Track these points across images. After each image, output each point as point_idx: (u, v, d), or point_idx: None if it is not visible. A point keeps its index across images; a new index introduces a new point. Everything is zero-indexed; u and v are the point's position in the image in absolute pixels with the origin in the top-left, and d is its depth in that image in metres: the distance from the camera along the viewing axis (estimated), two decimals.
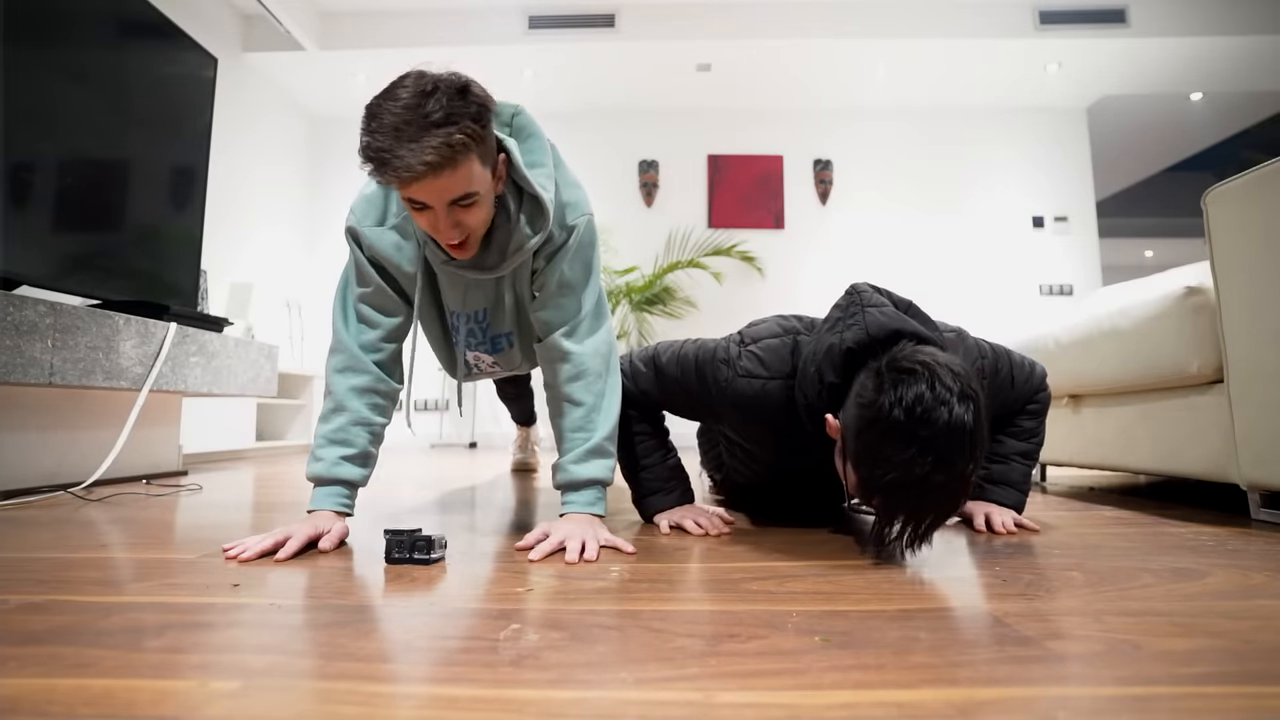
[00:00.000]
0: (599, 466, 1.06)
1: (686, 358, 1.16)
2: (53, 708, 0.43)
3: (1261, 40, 4.01)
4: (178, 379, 1.95)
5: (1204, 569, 0.84)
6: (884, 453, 0.80)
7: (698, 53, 4.22)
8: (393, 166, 0.82)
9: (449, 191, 0.88)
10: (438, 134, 0.82)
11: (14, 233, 1.59)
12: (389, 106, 0.84)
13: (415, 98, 0.83)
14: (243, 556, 0.89)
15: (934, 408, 0.77)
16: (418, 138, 0.82)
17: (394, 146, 0.82)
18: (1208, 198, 1.27)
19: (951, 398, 0.78)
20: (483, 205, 0.93)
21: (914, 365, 0.81)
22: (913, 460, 0.77)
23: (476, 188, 0.90)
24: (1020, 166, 4.87)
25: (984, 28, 4.03)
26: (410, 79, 0.86)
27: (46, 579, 0.79)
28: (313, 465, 1.03)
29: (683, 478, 1.23)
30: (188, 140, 2.30)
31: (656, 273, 4.50)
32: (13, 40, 1.58)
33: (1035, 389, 1.22)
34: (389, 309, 1.09)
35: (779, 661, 0.52)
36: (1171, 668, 0.50)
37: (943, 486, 0.79)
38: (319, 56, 4.12)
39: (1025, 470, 1.21)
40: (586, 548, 0.92)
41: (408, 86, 0.85)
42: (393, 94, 0.85)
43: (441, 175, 0.85)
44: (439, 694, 0.46)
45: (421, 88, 0.84)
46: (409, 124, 0.82)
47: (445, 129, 0.83)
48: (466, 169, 0.87)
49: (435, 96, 0.84)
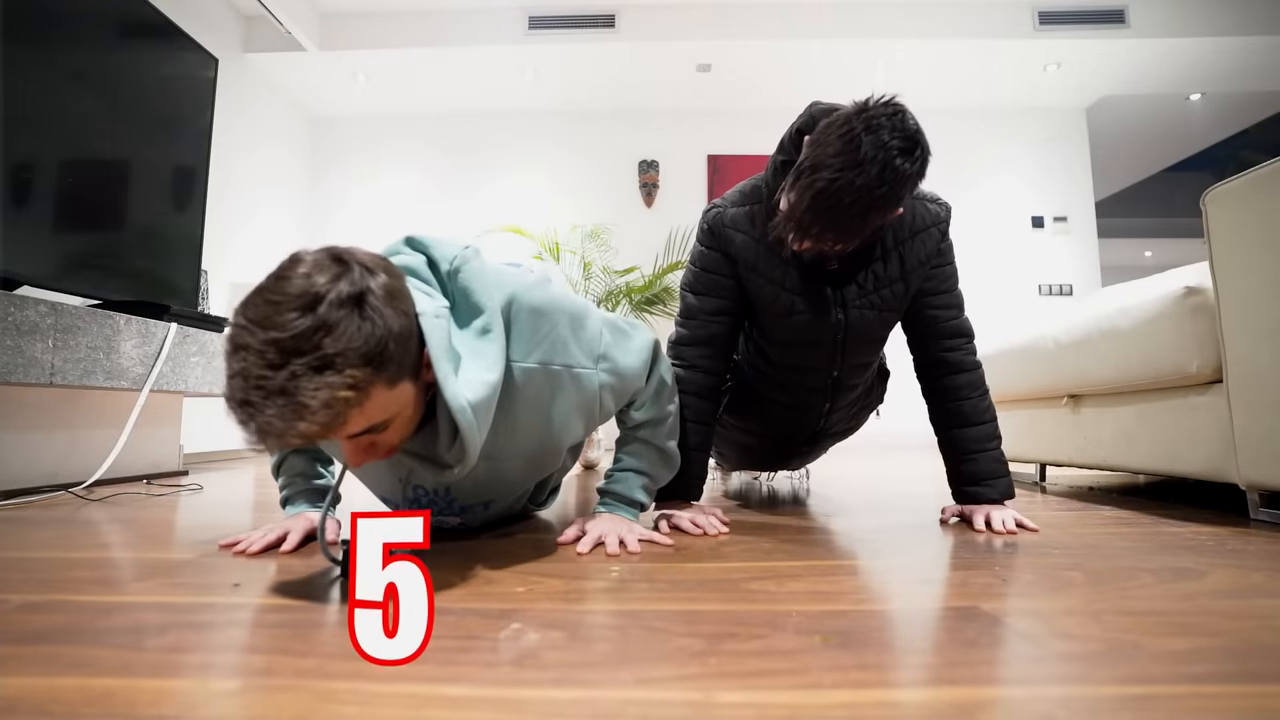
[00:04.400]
0: (649, 494, 1.10)
1: (694, 251, 1.25)
2: (53, 707, 0.43)
3: (1261, 40, 4.01)
4: (178, 379, 1.95)
5: (1203, 569, 0.84)
6: (817, 156, 0.95)
7: (698, 53, 4.22)
8: (259, 432, 0.61)
9: (341, 436, 0.68)
10: (309, 401, 0.60)
11: (15, 233, 1.60)
12: (243, 353, 0.60)
13: (268, 346, 0.60)
14: (250, 550, 0.90)
15: (873, 132, 0.93)
16: (286, 409, 0.60)
17: (257, 411, 0.60)
18: (1207, 198, 1.27)
19: (899, 142, 0.93)
20: (400, 423, 0.73)
21: (866, 115, 0.95)
22: (836, 156, 0.93)
23: (384, 416, 0.69)
24: (1020, 166, 4.87)
25: (984, 28, 4.03)
26: (270, 298, 0.61)
27: (47, 579, 0.79)
28: (282, 493, 1.04)
29: (703, 475, 1.24)
30: (188, 140, 2.30)
31: (657, 273, 4.50)
32: (13, 40, 1.58)
33: (959, 332, 1.24)
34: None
35: (779, 661, 0.52)
36: (1171, 667, 0.50)
37: (857, 175, 0.93)
38: (319, 56, 4.12)
39: (996, 453, 1.21)
40: (626, 541, 0.95)
41: (267, 320, 0.60)
42: (249, 324, 0.61)
43: (332, 427, 0.63)
44: (439, 694, 0.46)
45: (283, 323, 0.60)
46: (260, 386, 0.60)
47: (327, 374, 0.60)
48: (363, 411, 0.65)
49: (299, 340, 0.60)
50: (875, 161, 0.92)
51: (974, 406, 1.22)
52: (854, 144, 0.93)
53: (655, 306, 4.55)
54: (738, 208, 1.20)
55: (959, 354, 1.23)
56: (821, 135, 0.98)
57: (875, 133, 0.93)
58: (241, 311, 0.62)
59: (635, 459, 1.09)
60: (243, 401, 0.61)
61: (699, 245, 1.24)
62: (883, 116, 0.94)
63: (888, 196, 0.94)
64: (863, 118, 0.95)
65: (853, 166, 0.92)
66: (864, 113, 0.96)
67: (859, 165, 0.92)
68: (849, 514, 1.36)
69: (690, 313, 1.24)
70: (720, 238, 1.20)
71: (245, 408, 0.61)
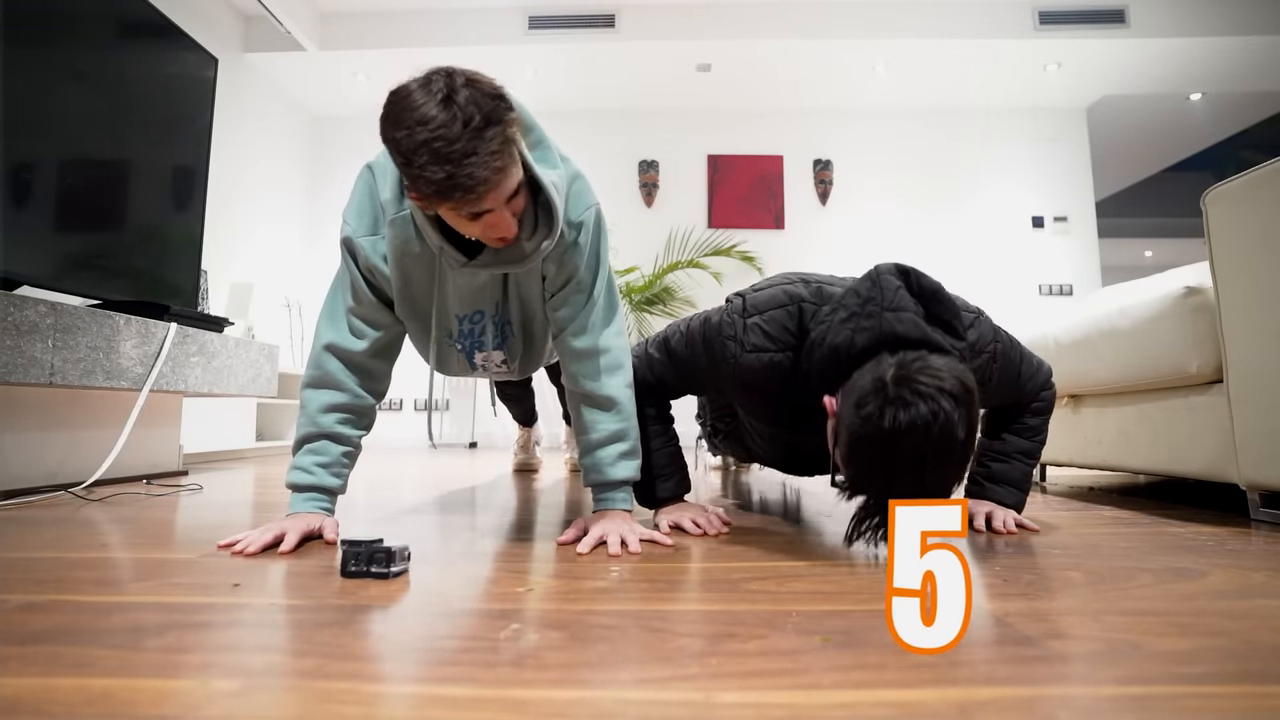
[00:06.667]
0: (630, 467, 1.09)
1: (694, 337, 1.16)
2: (53, 707, 0.43)
3: (1261, 40, 4.00)
4: (178, 379, 1.95)
5: (1203, 569, 0.84)
6: (874, 463, 0.81)
7: (698, 53, 4.22)
8: (465, 188, 0.78)
9: (507, 190, 0.85)
10: (489, 138, 0.78)
11: (14, 233, 1.59)
12: (419, 133, 0.77)
13: (441, 111, 0.77)
14: (248, 550, 0.90)
15: (930, 436, 0.77)
16: (474, 150, 0.77)
17: (455, 171, 0.77)
18: (1207, 198, 1.27)
19: (951, 423, 0.77)
20: (522, 193, 0.91)
21: (918, 391, 0.78)
22: (901, 475, 0.78)
23: (515, 184, 0.88)
24: (1020, 166, 4.87)
25: (984, 28, 4.03)
26: (416, 93, 0.79)
27: (47, 579, 0.79)
28: (291, 474, 1.04)
29: (681, 466, 1.22)
30: (188, 140, 2.30)
31: (657, 273, 4.50)
32: (13, 40, 1.58)
33: (1040, 386, 1.22)
34: (379, 322, 1.08)
35: (779, 661, 0.52)
36: (1171, 667, 0.50)
37: (925, 495, 0.79)
38: (319, 57, 4.12)
39: (1027, 470, 1.21)
40: (627, 541, 0.95)
41: (420, 103, 0.78)
42: (410, 118, 0.78)
43: (508, 176, 0.83)
44: (439, 694, 0.46)
45: (437, 97, 0.78)
46: (456, 139, 0.77)
47: (492, 129, 0.78)
48: (516, 162, 0.85)
49: (458, 102, 0.78)
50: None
51: (1035, 424, 1.23)
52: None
53: (655, 306, 4.55)
54: (755, 354, 1.05)
55: (1040, 401, 1.24)
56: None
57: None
58: (399, 135, 0.78)
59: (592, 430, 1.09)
60: (442, 179, 0.78)
61: (700, 342, 1.14)
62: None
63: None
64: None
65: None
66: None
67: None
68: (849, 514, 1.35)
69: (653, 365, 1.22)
70: (721, 372, 1.10)
71: (448, 181, 0.78)
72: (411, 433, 4.75)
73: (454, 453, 3.74)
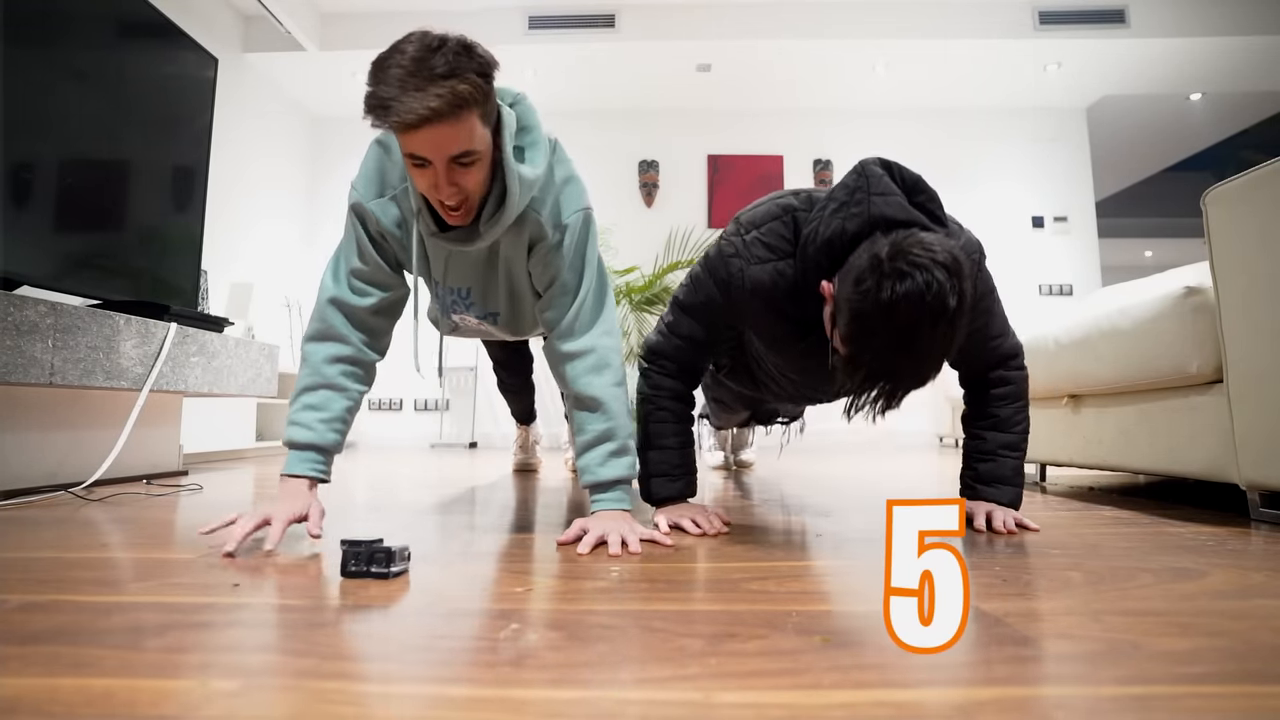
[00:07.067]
0: (621, 465, 1.10)
1: (700, 277, 1.17)
2: (53, 707, 0.43)
3: (1261, 40, 4.01)
4: (178, 379, 1.95)
5: (1203, 569, 0.84)
6: (875, 336, 0.86)
7: (698, 53, 4.22)
8: (396, 112, 0.83)
9: (450, 144, 0.88)
10: (443, 84, 0.84)
11: (14, 233, 1.59)
12: (395, 60, 0.85)
13: (421, 51, 0.85)
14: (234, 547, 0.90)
15: (925, 309, 0.82)
16: (423, 87, 0.83)
17: (399, 95, 0.83)
18: (1207, 198, 1.27)
19: (944, 291, 0.83)
20: (480, 167, 0.94)
21: (912, 262, 0.84)
22: (900, 344, 0.85)
23: (476, 146, 0.91)
24: (1020, 166, 4.87)
25: (984, 28, 4.03)
26: (416, 36, 0.87)
27: (46, 579, 0.79)
28: (290, 430, 1.05)
29: (690, 470, 1.21)
30: (188, 140, 2.30)
31: (657, 273, 4.50)
32: (13, 40, 1.58)
33: (1007, 355, 1.22)
34: (384, 283, 1.12)
35: (779, 661, 0.52)
36: (1171, 667, 0.50)
37: (921, 365, 0.88)
38: (319, 57, 4.12)
39: (1015, 463, 1.21)
40: (627, 541, 0.96)
41: (414, 42, 0.86)
42: (399, 49, 0.86)
43: (444, 124, 0.85)
44: (439, 694, 0.46)
45: (428, 43, 0.86)
46: (414, 75, 0.84)
47: (450, 80, 0.84)
48: (469, 123, 0.88)
49: (441, 51, 0.85)
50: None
51: (1009, 414, 1.21)
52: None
53: (655, 306, 4.55)
54: (760, 265, 1.08)
55: (1006, 372, 1.23)
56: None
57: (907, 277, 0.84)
58: (382, 56, 0.87)
59: (581, 431, 1.10)
60: (385, 96, 0.83)
61: (707, 275, 1.15)
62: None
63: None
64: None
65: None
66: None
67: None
68: (849, 514, 1.36)
69: (674, 329, 1.21)
70: (734, 295, 1.11)
71: (387, 100, 0.83)
72: (412, 433, 4.75)
73: (454, 453, 3.74)
